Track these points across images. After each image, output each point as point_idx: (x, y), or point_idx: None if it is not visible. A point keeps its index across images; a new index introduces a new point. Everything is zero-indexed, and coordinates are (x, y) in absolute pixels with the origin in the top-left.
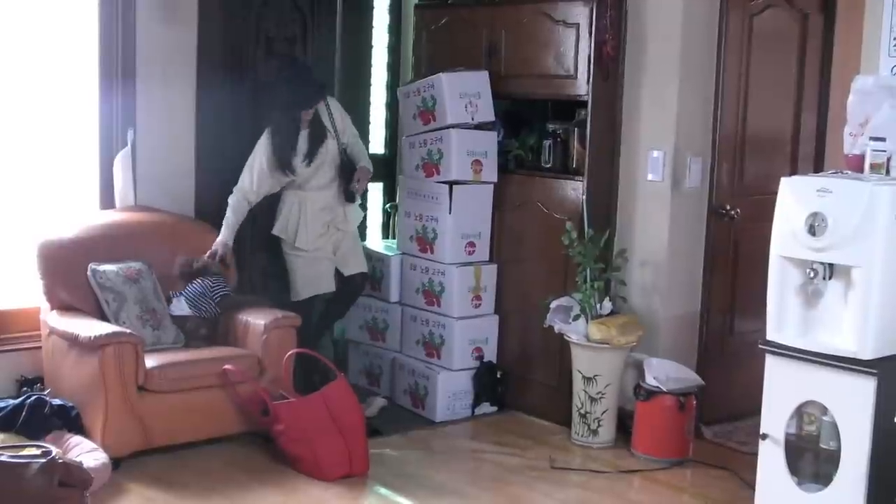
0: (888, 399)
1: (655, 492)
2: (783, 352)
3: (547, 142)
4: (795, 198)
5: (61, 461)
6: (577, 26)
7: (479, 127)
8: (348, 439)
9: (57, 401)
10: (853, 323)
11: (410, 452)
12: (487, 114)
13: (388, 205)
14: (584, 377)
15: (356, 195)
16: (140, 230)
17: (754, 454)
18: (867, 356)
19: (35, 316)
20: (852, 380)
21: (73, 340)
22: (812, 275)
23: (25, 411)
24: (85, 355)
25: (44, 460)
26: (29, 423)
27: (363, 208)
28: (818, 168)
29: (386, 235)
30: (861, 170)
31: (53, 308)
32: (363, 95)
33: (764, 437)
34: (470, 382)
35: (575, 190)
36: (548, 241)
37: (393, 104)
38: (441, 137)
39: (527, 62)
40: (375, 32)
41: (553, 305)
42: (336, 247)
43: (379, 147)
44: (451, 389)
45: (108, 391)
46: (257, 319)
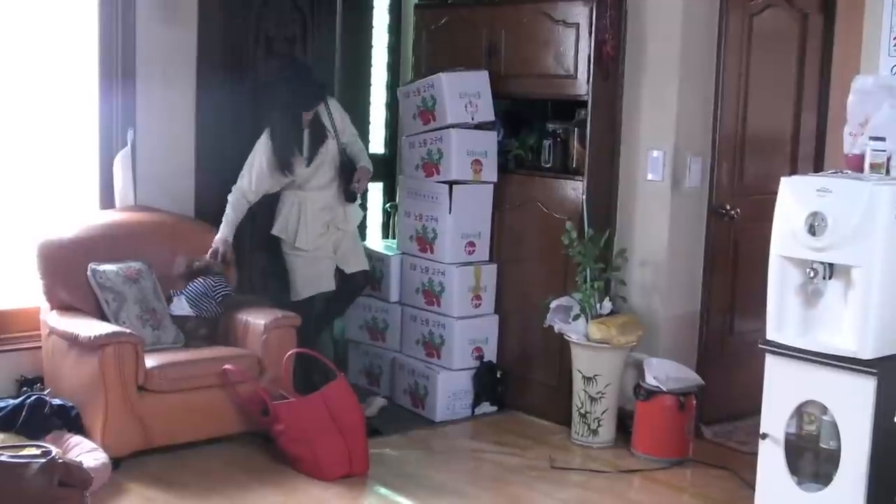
0: (888, 399)
1: (655, 491)
2: (783, 351)
3: (547, 142)
4: (795, 197)
5: (61, 461)
6: (577, 26)
7: (479, 127)
8: (348, 439)
9: (57, 401)
10: (853, 322)
11: (410, 452)
12: (487, 114)
13: (388, 205)
14: (584, 377)
15: (356, 195)
16: (140, 230)
17: (754, 454)
18: (867, 356)
19: (35, 316)
20: (852, 379)
21: (73, 340)
22: (812, 274)
23: (25, 411)
24: (85, 355)
25: (44, 460)
26: (29, 423)
27: (363, 208)
28: (818, 168)
29: (386, 235)
30: (861, 169)
31: (53, 308)
32: (363, 95)
33: (764, 437)
34: (470, 382)
35: (575, 190)
36: (548, 241)
37: (393, 104)
38: (441, 137)
39: (527, 62)
40: (375, 32)
41: (553, 305)
42: (336, 246)
43: (379, 147)
44: (451, 389)
45: (108, 391)
46: (257, 319)
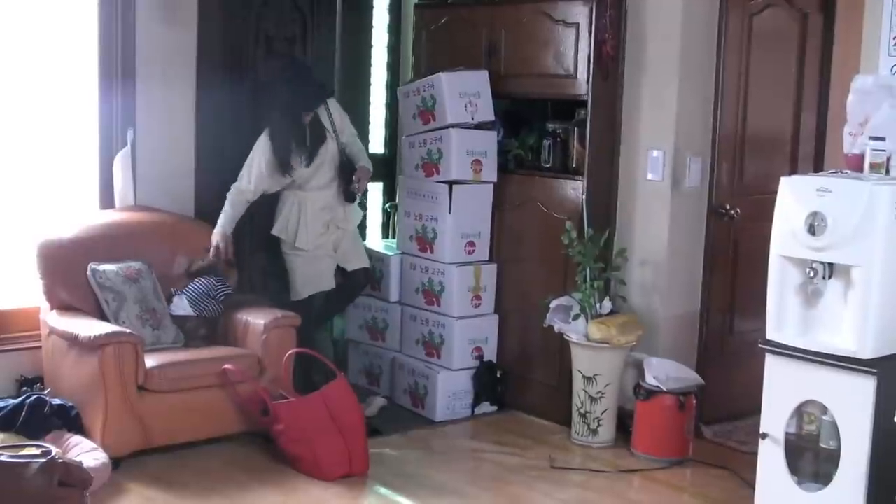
0: (888, 398)
1: (655, 491)
2: (783, 351)
3: (547, 141)
4: (795, 197)
5: (61, 461)
6: (577, 26)
7: (479, 126)
8: (348, 439)
9: (57, 400)
10: (853, 322)
11: (410, 452)
12: (487, 113)
13: (388, 204)
14: (584, 377)
15: (356, 195)
16: (140, 230)
17: (754, 453)
18: (867, 355)
19: (35, 316)
20: (852, 379)
21: (73, 340)
22: (812, 274)
23: (25, 411)
24: (85, 355)
25: (44, 460)
26: (29, 423)
27: (363, 207)
28: (818, 167)
29: (386, 235)
30: (861, 169)
31: (53, 308)
32: (363, 95)
33: (764, 437)
34: (470, 382)
35: (575, 189)
36: (548, 241)
37: (393, 104)
38: (441, 137)
39: (526, 62)
40: (375, 32)
41: (553, 305)
42: (337, 245)
43: (379, 147)
44: (451, 389)
45: (108, 391)
46: (257, 319)
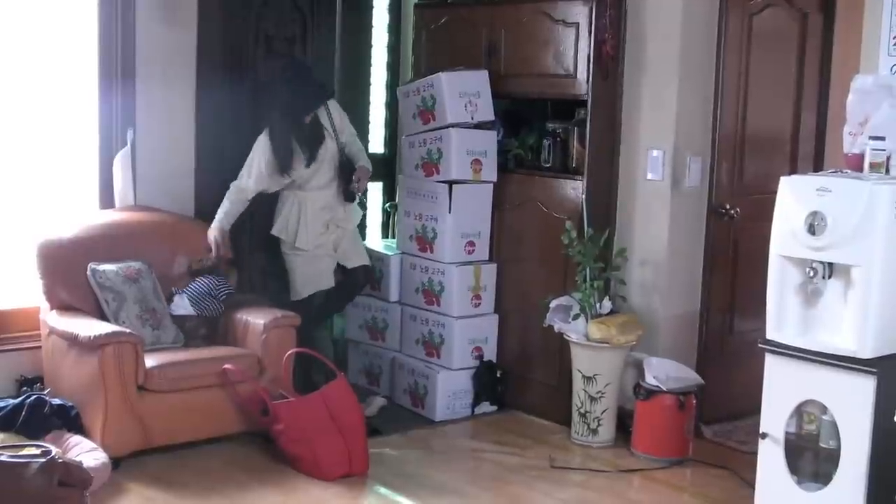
0: (888, 398)
1: (655, 491)
2: (783, 351)
3: (546, 141)
4: (795, 197)
5: (61, 461)
6: (577, 25)
7: (479, 126)
8: (348, 439)
9: (57, 400)
10: (853, 322)
11: (410, 452)
12: (487, 113)
13: (388, 204)
14: (584, 376)
15: (356, 195)
16: (140, 230)
17: (754, 453)
18: (867, 355)
19: (35, 316)
20: (852, 379)
21: (73, 340)
22: (811, 274)
23: (25, 411)
24: (85, 355)
25: (43, 460)
26: (29, 423)
27: (362, 207)
28: (818, 167)
29: (385, 235)
30: (860, 169)
31: (53, 308)
32: (363, 95)
33: (764, 437)
34: (470, 382)
35: (574, 189)
36: (547, 241)
37: (392, 104)
38: (441, 137)
39: (526, 61)
40: (375, 32)
41: (553, 305)
42: (336, 244)
43: (378, 146)
44: (451, 389)
45: (108, 391)
46: (257, 319)
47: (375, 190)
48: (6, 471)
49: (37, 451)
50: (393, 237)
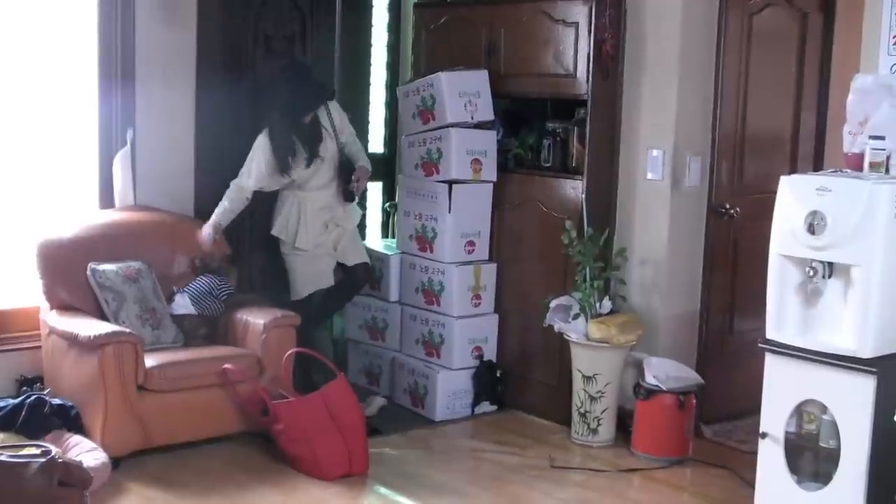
0: (888, 398)
1: (655, 491)
2: (783, 350)
3: (546, 141)
4: (795, 196)
5: (61, 461)
6: (577, 25)
7: (479, 126)
8: (348, 439)
9: (56, 400)
10: (853, 321)
11: (410, 452)
12: (487, 113)
13: (388, 204)
14: (584, 376)
15: (355, 194)
16: (140, 230)
17: (754, 453)
18: (867, 355)
19: (35, 316)
20: (852, 378)
21: (73, 340)
22: (811, 273)
23: (25, 411)
24: (84, 355)
25: (43, 460)
26: (29, 423)
27: (362, 206)
28: (817, 167)
29: (385, 235)
30: (860, 168)
31: (53, 308)
32: (362, 94)
33: (763, 436)
34: (470, 381)
35: (574, 189)
36: (547, 241)
37: (392, 103)
38: (440, 136)
39: (526, 61)
40: (375, 31)
41: (553, 304)
42: (336, 243)
43: (378, 146)
44: (451, 389)
45: (108, 391)
46: (257, 319)
47: (375, 190)
48: (6, 471)
49: (37, 451)
50: (393, 237)
